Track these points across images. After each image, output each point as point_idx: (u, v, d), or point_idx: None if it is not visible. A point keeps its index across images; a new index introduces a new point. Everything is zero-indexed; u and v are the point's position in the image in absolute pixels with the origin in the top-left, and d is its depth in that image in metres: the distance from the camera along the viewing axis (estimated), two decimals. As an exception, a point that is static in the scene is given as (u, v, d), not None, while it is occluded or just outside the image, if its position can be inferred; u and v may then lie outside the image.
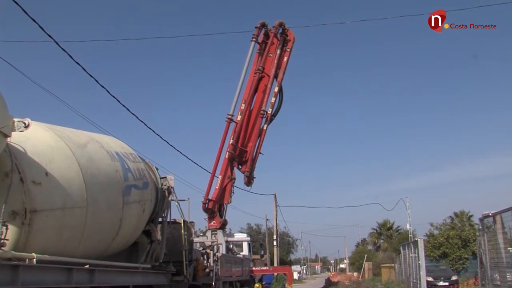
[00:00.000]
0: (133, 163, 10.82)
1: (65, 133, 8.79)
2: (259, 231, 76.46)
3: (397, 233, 76.01)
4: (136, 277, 10.99)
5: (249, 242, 26.74)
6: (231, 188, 21.50)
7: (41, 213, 7.36)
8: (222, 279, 16.84)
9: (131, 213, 10.30)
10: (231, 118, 21.41)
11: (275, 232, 53.00)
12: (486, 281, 14.83)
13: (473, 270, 30.62)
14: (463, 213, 54.51)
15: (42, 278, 7.34)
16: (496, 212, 13.38)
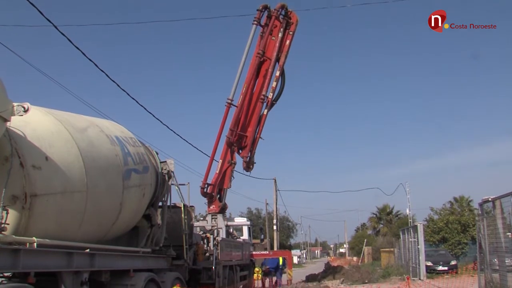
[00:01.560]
0: (133, 147, 10.81)
1: (65, 118, 8.77)
2: (259, 215, 76.64)
3: (396, 218, 76.16)
4: (136, 261, 11.03)
5: (249, 227, 26.73)
6: (231, 172, 21.51)
7: (41, 198, 7.37)
8: (222, 263, 16.88)
9: (131, 197, 10.31)
10: (231, 102, 21.34)
11: (275, 217, 53.12)
12: (485, 265, 14.89)
13: (472, 255, 30.75)
14: (463, 198, 54.67)
15: (43, 262, 7.38)
16: (496, 197, 13.40)
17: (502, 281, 12.85)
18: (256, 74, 22.14)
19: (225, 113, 21.38)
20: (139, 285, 10.07)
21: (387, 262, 42.84)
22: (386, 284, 21.78)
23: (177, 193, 14.18)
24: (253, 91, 21.97)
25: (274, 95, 22.54)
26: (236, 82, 21.79)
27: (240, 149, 21.77)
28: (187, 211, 14.55)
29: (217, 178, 21.07)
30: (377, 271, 34.57)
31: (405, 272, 28.49)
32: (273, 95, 22.37)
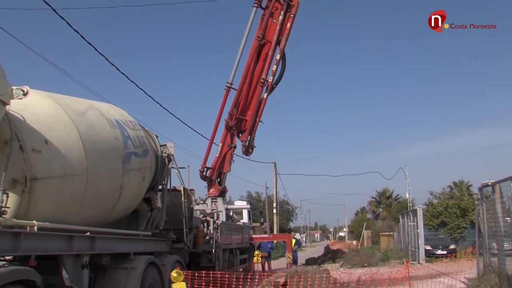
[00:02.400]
0: (133, 130, 10.80)
1: (64, 101, 8.74)
2: (259, 199, 76.77)
3: (396, 201, 76.29)
4: (137, 244, 11.07)
5: (249, 210, 26.79)
6: (231, 156, 21.49)
7: (41, 181, 7.37)
8: (222, 246, 16.95)
9: (131, 181, 10.32)
10: (230, 86, 21.26)
11: (274, 200, 53.24)
12: (483, 249, 14.93)
13: (471, 239, 30.80)
14: (462, 182, 54.69)
15: (43, 245, 7.40)
16: (495, 181, 13.39)
17: (500, 265, 12.89)
18: (256, 58, 22.00)
19: (224, 97, 21.29)
20: (139, 268, 10.11)
21: (386, 246, 42.97)
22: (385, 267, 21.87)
23: (177, 177, 14.21)
24: (253, 74, 21.80)
25: (275, 79, 22.39)
26: (235, 65, 21.69)
27: (239, 132, 21.70)
28: (187, 194, 14.58)
29: (216, 161, 21.07)
30: (376, 255, 34.68)
31: (404, 256, 28.59)
32: (273, 79, 22.21)
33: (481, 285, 13.35)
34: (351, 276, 12.35)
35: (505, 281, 12.12)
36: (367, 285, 11.61)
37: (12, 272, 6.21)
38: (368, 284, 11.95)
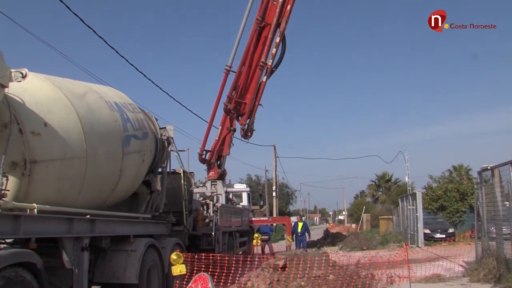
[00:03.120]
0: (132, 113, 10.78)
1: (63, 84, 8.70)
2: (258, 182, 76.88)
3: (395, 185, 76.46)
4: (137, 227, 11.11)
5: (249, 193, 26.82)
6: (230, 139, 21.48)
7: (40, 164, 7.37)
8: (221, 229, 17.01)
9: (131, 163, 10.32)
10: (230, 69, 21.17)
11: (274, 183, 53.29)
12: (482, 233, 14.98)
13: (469, 223, 30.91)
14: (462, 167, 54.75)
15: (44, 228, 7.42)
16: (495, 165, 13.41)
17: (499, 248, 12.96)
18: (256, 41, 21.86)
19: (223, 80, 21.23)
20: (139, 251, 10.16)
21: (385, 229, 43.14)
22: (384, 251, 21.96)
23: (177, 159, 14.22)
24: (252, 57, 21.67)
25: (274, 62, 22.26)
26: (235, 48, 21.61)
27: (239, 116, 21.65)
28: (187, 177, 14.60)
29: (216, 144, 21.07)
30: (375, 238, 34.85)
31: (403, 239, 28.71)
32: (272, 62, 22.08)
33: (479, 269, 13.42)
34: (350, 259, 12.41)
35: (503, 265, 12.19)
36: (366, 268, 11.66)
37: (13, 255, 6.24)
38: (367, 267, 12.00)
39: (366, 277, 10.23)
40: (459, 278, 13.81)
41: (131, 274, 9.79)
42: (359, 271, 10.88)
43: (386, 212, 52.14)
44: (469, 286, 12.31)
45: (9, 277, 5.93)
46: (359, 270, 11.08)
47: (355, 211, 77.71)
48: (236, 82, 21.12)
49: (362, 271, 10.88)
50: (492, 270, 12.72)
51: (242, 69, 21.26)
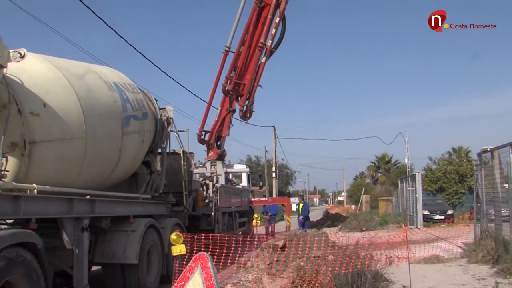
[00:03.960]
0: (132, 93, 10.75)
1: (62, 64, 8.65)
2: (258, 163, 76.99)
3: (395, 167, 76.48)
4: (136, 207, 11.14)
5: (248, 173, 26.82)
6: (230, 120, 21.43)
7: (40, 144, 7.36)
8: (221, 209, 17.04)
9: (131, 144, 10.32)
10: (229, 50, 21.04)
11: (274, 164, 53.30)
12: (481, 215, 15.01)
13: (468, 204, 30.99)
14: (461, 148, 54.75)
15: (44, 209, 7.44)
16: (494, 147, 13.39)
17: (497, 230, 12.99)
18: (255, 21, 21.67)
19: (222, 61, 21.11)
20: (139, 231, 10.20)
21: (384, 210, 43.21)
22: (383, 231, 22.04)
23: (176, 140, 14.21)
24: (252, 38, 21.48)
25: (274, 43, 22.09)
26: (234, 29, 21.45)
27: (238, 97, 21.53)
28: (187, 157, 14.60)
29: (215, 125, 21.04)
30: (374, 219, 34.91)
31: (402, 220, 28.76)
32: (272, 43, 21.91)
33: (478, 250, 13.47)
34: (350, 240, 12.43)
35: (501, 246, 12.23)
36: (365, 249, 11.69)
37: (13, 235, 6.25)
38: (366, 247, 12.04)
39: (365, 257, 10.25)
40: (458, 259, 13.88)
41: (131, 254, 9.85)
42: (358, 251, 10.91)
43: (386, 193, 52.23)
44: (468, 267, 12.37)
45: (10, 257, 5.95)
46: (358, 250, 11.10)
47: (355, 192, 77.85)
48: (235, 63, 21.00)
49: (361, 252, 10.91)
50: (491, 251, 12.77)
51: (241, 49, 21.12)
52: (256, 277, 10.49)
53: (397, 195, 37.10)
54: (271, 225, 25.64)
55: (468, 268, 12.30)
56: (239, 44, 21.14)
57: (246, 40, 21.15)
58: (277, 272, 10.19)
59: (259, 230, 24.80)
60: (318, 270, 9.39)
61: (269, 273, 10.25)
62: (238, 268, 11.50)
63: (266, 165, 64.12)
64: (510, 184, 11.55)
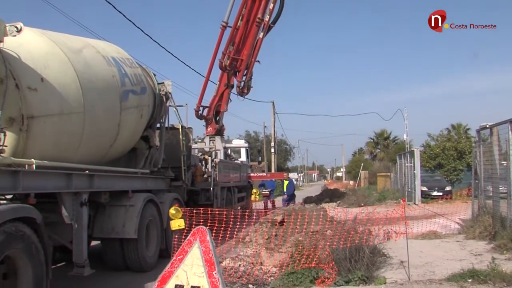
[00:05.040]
0: (130, 68, 10.69)
1: (60, 39, 8.57)
2: (257, 138, 77.01)
3: (393, 143, 76.60)
4: (135, 182, 11.16)
5: (247, 148, 26.78)
6: (228, 95, 21.33)
7: (38, 119, 7.33)
8: (220, 184, 17.08)
9: (129, 119, 10.29)
10: (226, 25, 20.85)
11: (272, 140, 53.39)
12: (479, 192, 15.06)
13: (466, 181, 31.07)
14: (460, 125, 54.78)
15: (42, 184, 7.44)
16: (493, 124, 13.37)
17: (495, 206, 13.04)
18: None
19: (219, 36, 20.90)
20: (138, 206, 10.24)
21: (383, 186, 43.36)
22: (381, 207, 22.14)
23: (175, 115, 14.17)
24: (250, 13, 21.18)
25: (272, 18, 21.84)
26: (231, 3, 21.18)
27: (236, 72, 21.37)
28: (185, 132, 14.57)
29: (213, 100, 20.97)
30: (373, 195, 35.06)
31: (400, 196, 28.88)
32: (270, 18, 21.64)
33: (475, 226, 13.55)
34: (348, 215, 12.48)
35: (498, 222, 12.29)
36: (363, 224, 11.75)
37: (12, 210, 6.26)
38: (365, 222, 12.10)
39: (363, 232, 10.31)
40: (455, 235, 13.97)
41: (130, 229, 9.90)
42: (357, 226, 10.96)
43: (384, 169, 52.35)
44: (465, 243, 12.45)
45: (9, 231, 5.96)
46: (357, 225, 11.15)
47: (353, 168, 78.09)
48: (232, 38, 20.80)
49: (359, 227, 10.96)
50: (488, 227, 12.83)
51: (238, 25, 20.90)
52: (255, 252, 10.56)
53: (396, 171, 37.21)
54: (270, 200, 25.65)
55: (465, 244, 12.38)
56: (237, 18, 20.90)
57: (244, 15, 20.91)
58: (276, 246, 10.26)
59: (257, 205, 24.85)
60: (317, 244, 9.44)
61: (267, 248, 10.32)
62: (237, 242, 11.57)
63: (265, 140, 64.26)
64: (509, 161, 11.55)
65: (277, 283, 8.41)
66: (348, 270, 8.55)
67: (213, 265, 4.07)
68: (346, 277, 8.30)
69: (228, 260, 10.37)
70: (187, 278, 4.10)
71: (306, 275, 8.39)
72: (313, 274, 8.41)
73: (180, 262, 4.18)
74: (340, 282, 8.18)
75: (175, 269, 4.17)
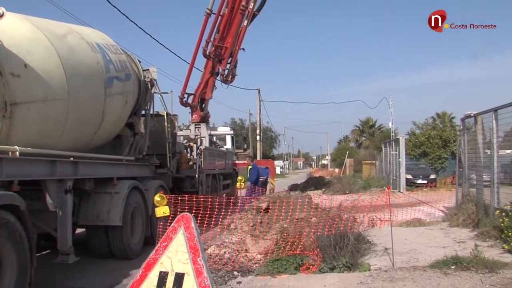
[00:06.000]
0: (115, 54, 10.60)
1: (43, 24, 8.45)
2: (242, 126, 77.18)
3: (379, 131, 77.07)
4: (120, 169, 11.11)
5: (233, 136, 26.75)
6: (213, 83, 21.22)
7: (21, 106, 7.26)
8: (205, 171, 17.06)
9: (114, 105, 10.23)
10: (210, 12, 20.67)
11: (258, 127, 53.43)
12: (463, 180, 15.17)
13: (451, 169, 31.34)
14: (445, 114, 55.25)
15: (26, 171, 7.37)
16: (478, 112, 13.46)
17: (478, 194, 13.15)
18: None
19: (203, 23, 20.72)
20: (123, 193, 10.21)
21: (368, 174, 43.58)
22: (366, 194, 22.26)
23: (160, 102, 14.11)
24: (234, 0, 20.97)
25: (256, 5, 21.71)
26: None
27: (220, 60, 21.22)
28: (170, 119, 14.52)
29: (198, 87, 20.88)
30: (358, 183, 35.21)
31: (385, 184, 29.03)
32: (254, 5, 21.50)
33: (459, 214, 13.67)
34: (333, 202, 12.54)
35: (481, 210, 12.41)
36: (348, 211, 11.81)
37: (-5, 197, 6.20)
38: (349, 209, 12.15)
39: (348, 220, 10.37)
40: (439, 222, 14.08)
41: (115, 216, 9.88)
42: (341, 214, 11.01)
43: (369, 157, 52.57)
44: (449, 231, 12.56)
45: (-7, 219, 5.91)
46: (341, 213, 11.20)
47: (339, 156, 78.38)
48: (217, 25, 20.62)
49: (344, 214, 11.02)
50: (471, 215, 12.96)
51: (222, 12, 20.74)
52: (240, 239, 10.59)
53: (381, 159, 37.39)
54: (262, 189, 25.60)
55: (449, 231, 12.50)
56: (220, 5, 20.71)
57: (229, 2, 20.72)
58: (261, 233, 10.29)
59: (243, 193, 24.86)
60: (301, 231, 9.49)
61: (252, 235, 10.34)
62: (222, 229, 11.59)
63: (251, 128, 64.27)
64: (492, 149, 11.65)
65: (262, 270, 8.44)
66: (333, 257, 8.60)
67: (198, 251, 4.06)
68: (330, 264, 8.35)
69: (213, 247, 10.38)
70: (172, 264, 4.09)
71: (291, 262, 8.43)
72: (298, 261, 8.45)
73: (164, 249, 4.17)
74: (325, 269, 8.23)
75: (160, 256, 4.16)
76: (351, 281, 7.56)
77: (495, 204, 11.38)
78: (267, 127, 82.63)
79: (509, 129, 11.95)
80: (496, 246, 9.91)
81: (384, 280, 7.42)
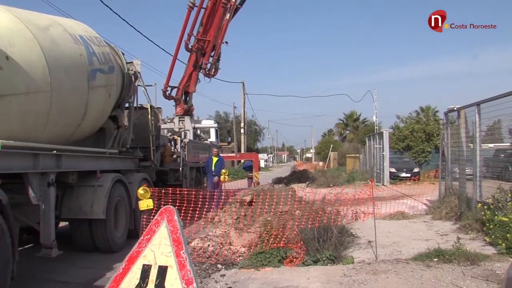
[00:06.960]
0: (98, 47, 10.52)
1: (25, 16, 8.35)
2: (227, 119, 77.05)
3: (363, 124, 77.45)
4: (103, 162, 11.05)
5: (217, 129, 26.77)
6: (197, 76, 21.15)
7: (3, 98, 7.17)
8: (189, 164, 17.05)
9: (97, 98, 10.16)
10: (193, 5, 20.54)
11: (242, 120, 53.35)
12: (446, 173, 15.30)
13: (434, 163, 31.61)
14: (429, 108, 55.60)
15: (8, 164, 7.27)
16: (461, 106, 13.55)
17: (461, 188, 13.27)
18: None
19: (186, 16, 20.58)
20: (106, 186, 10.17)
21: (352, 167, 43.80)
22: (350, 187, 22.36)
23: (144, 94, 14.06)
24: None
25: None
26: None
27: (203, 54, 21.12)
28: (154, 112, 14.47)
29: (182, 80, 20.79)
30: (342, 176, 35.38)
31: (369, 177, 29.16)
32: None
33: (442, 207, 13.80)
34: (316, 195, 12.57)
35: (464, 203, 12.52)
36: (332, 204, 11.85)
37: (-24, 190, 6.14)
38: (333, 203, 12.20)
39: (332, 212, 10.40)
40: (422, 215, 14.20)
41: (98, 209, 9.83)
42: (325, 207, 11.05)
43: (353, 150, 52.84)
44: (431, 224, 12.66)
45: (-27, 212, 5.86)
46: (325, 206, 11.24)
47: (323, 149, 78.69)
48: (198, 18, 20.49)
49: (327, 207, 11.06)
50: (454, 208, 13.09)
51: (206, 4, 20.61)
52: (224, 232, 10.59)
53: (365, 152, 37.56)
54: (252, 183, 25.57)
55: (432, 224, 12.60)
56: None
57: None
58: (245, 226, 10.31)
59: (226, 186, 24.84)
60: (285, 224, 9.51)
61: (236, 228, 10.36)
62: (206, 223, 11.58)
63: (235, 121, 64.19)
64: (475, 143, 11.74)
65: (245, 262, 8.45)
66: (316, 249, 8.64)
67: (181, 244, 4.06)
68: (314, 257, 8.39)
69: (197, 240, 10.37)
70: (155, 257, 4.09)
71: (274, 255, 8.45)
72: (282, 254, 8.47)
73: (147, 242, 4.16)
74: (308, 262, 8.26)
75: (143, 248, 4.15)
76: (334, 273, 7.60)
77: (478, 198, 11.49)
78: (251, 120, 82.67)
79: (492, 123, 12.04)
80: (478, 239, 10.01)
81: (367, 273, 7.46)
